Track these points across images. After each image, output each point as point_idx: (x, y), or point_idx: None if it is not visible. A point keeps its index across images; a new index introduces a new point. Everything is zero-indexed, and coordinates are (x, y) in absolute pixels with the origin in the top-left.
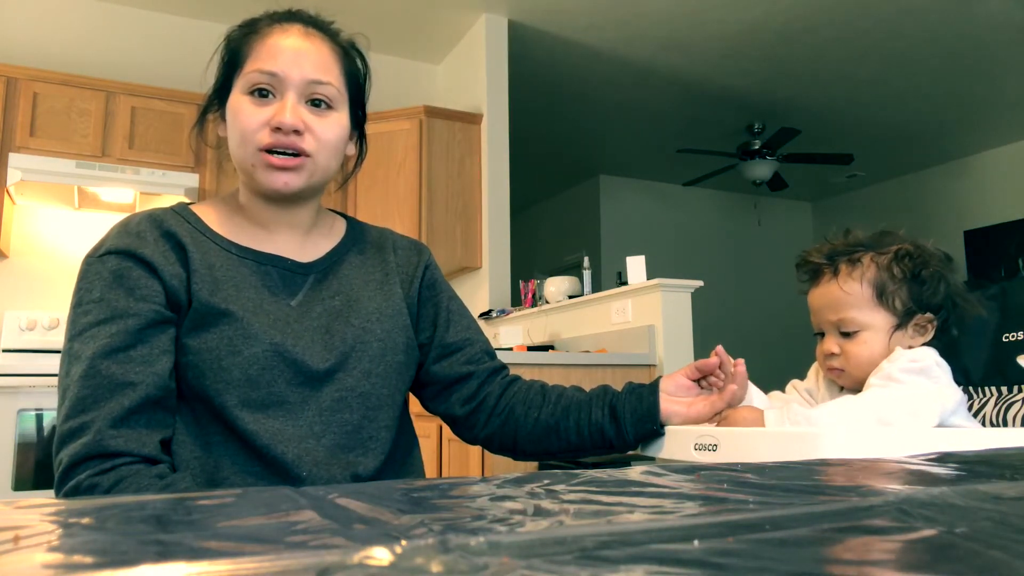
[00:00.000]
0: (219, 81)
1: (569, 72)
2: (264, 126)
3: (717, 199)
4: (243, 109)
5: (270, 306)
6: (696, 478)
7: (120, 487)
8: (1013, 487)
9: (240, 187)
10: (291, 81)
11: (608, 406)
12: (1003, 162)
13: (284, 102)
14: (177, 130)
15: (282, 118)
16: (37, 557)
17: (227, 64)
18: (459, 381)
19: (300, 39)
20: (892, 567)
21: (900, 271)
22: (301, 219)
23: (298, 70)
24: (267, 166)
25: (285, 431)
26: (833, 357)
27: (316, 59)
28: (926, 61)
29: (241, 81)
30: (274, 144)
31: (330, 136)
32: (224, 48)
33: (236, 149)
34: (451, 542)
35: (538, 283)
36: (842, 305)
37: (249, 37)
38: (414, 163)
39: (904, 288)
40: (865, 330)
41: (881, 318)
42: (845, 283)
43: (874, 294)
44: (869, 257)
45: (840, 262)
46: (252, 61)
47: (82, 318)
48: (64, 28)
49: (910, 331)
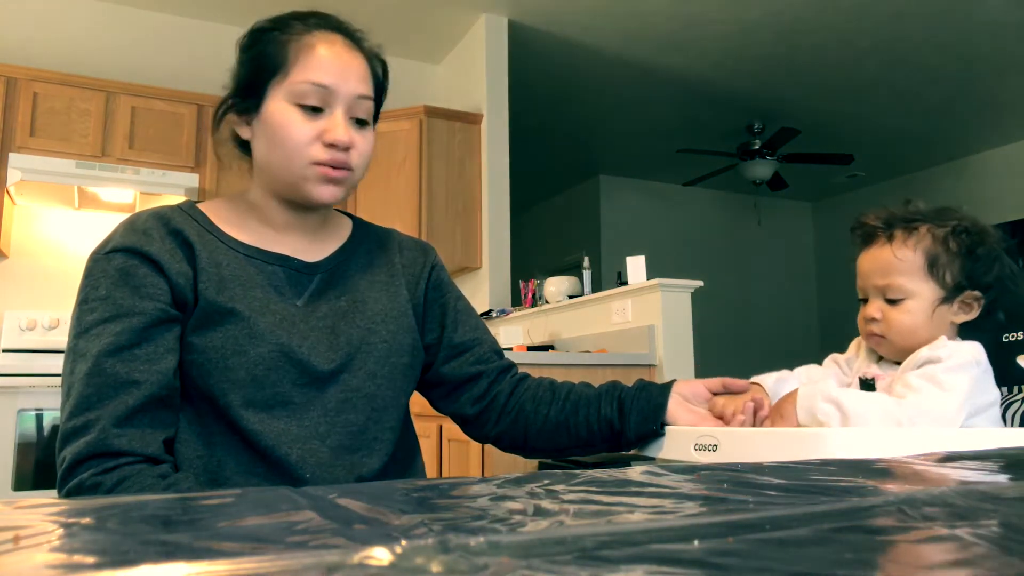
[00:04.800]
0: (246, 81)
1: (569, 72)
2: (316, 140)
3: (717, 199)
4: (293, 121)
5: (276, 306)
6: (696, 478)
7: (123, 487)
8: (1014, 487)
9: (256, 189)
10: (340, 95)
11: (617, 401)
12: (1003, 162)
13: (335, 118)
14: (177, 130)
15: (338, 135)
16: (37, 557)
17: (260, 67)
18: (469, 381)
19: (346, 51)
20: (892, 567)
21: (956, 245)
22: (314, 222)
23: (346, 85)
24: (321, 178)
25: (290, 432)
26: (874, 323)
27: (361, 73)
28: (926, 61)
29: (286, 89)
30: (328, 160)
31: (368, 151)
32: (254, 48)
33: (281, 159)
34: (451, 542)
35: (538, 283)
36: (892, 270)
37: (290, 42)
38: (414, 163)
39: (957, 262)
40: (910, 298)
41: (928, 289)
42: (899, 249)
43: (925, 263)
44: (927, 228)
45: (897, 228)
46: (301, 71)
47: (87, 316)
48: (64, 28)
49: (955, 306)
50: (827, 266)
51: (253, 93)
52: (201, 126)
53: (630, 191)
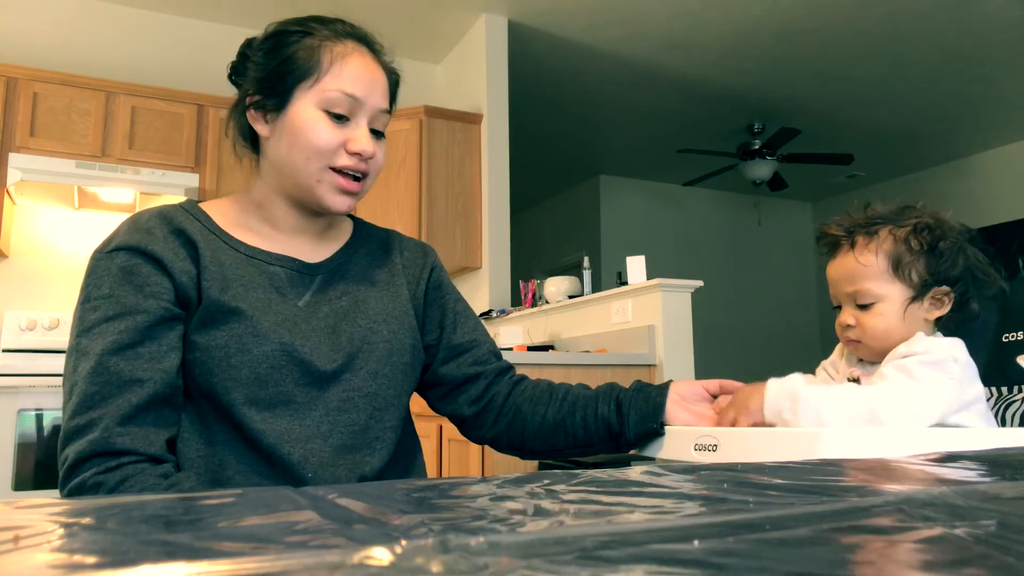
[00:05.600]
0: (271, 81)
1: (569, 72)
2: (340, 147)
3: (717, 199)
4: (319, 126)
5: (278, 306)
6: (696, 478)
7: (125, 485)
8: (1013, 487)
9: (261, 187)
10: (366, 107)
11: (615, 401)
12: (1003, 162)
13: (361, 128)
14: (177, 130)
15: (363, 146)
16: (38, 557)
17: (289, 68)
18: (467, 382)
19: (374, 65)
20: (892, 567)
21: (918, 243)
22: (320, 225)
23: (373, 98)
24: (336, 187)
25: (292, 431)
26: (849, 329)
27: (383, 87)
28: (926, 61)
29: (316, 95)
30: (349, 167)
31: (383, 162)
32: (282, 49)
33: (301, 161)
34: (451, 542)
35: (538, 283)
36: (857, 276)
37: (322, 49)
38: (414, 163)
39: (921, 260)
40: (880, 302)
41: (897, 290)
42: (861, 255)
43: (890, 266)
44: (887, 230)
45: (857, 234)
46: (333, 79)
47: (90, 314)
48: (64, 28)
49: (926, 304)
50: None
51: (278, 93)
52: (201, 126)
53: (630, 191)
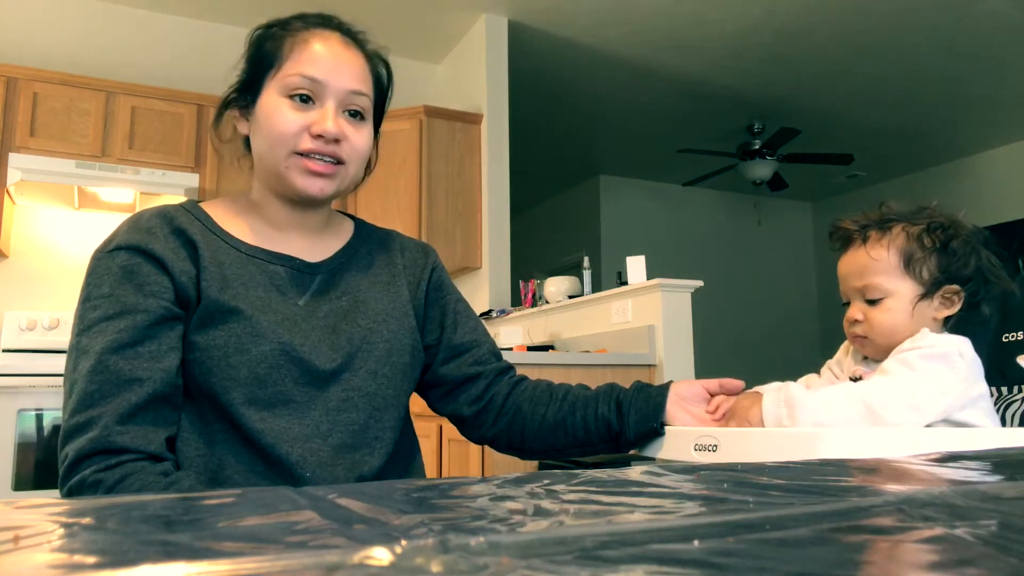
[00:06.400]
0: (246, 77)
1: (569, 72)
2: (303, 131)
3: (717, 199)
4: (281, 111)
5: (278, 305)
6: (696, 478)
7: (124, 484)
8: (1014, 487)
9: (256, 186)
10: (332, 89)
11: (615, 401)
12: (1003, 162)
13: (325, 110)
14: (177, 130)
15: (325, 127)
16: (37, 557)
17: (258, 62)
18: (467, 382)
19: (341, 48)
20: (892, 567)
21: (930, 241)
22: (315, 221)
23: (339, 79)
24: (303, 171)
25: (291, 430)
26: (857, 324)
27: (355, 70)
28: (926, 61)
29: (278, 82)
30: (314, 150)
31: (363, 146)
32: (255, 45)
33: (267, 150)
34: (451, 542)
35: (538, 283)
36: (868, 271)
37: (285, 38)
38: (414, 163)
39: (933, 258)
40: (889, 297)
41: (907, 286)
42: (873, 249)
43: (901, 262)
44: (901, 226)
45: (871, 229)
46: (292, 64)
47: (91, 313)
48: (64, 28)
49: (936, 302)
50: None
51: (250, 88)
52: (201, 126)
53: (630, 191)
